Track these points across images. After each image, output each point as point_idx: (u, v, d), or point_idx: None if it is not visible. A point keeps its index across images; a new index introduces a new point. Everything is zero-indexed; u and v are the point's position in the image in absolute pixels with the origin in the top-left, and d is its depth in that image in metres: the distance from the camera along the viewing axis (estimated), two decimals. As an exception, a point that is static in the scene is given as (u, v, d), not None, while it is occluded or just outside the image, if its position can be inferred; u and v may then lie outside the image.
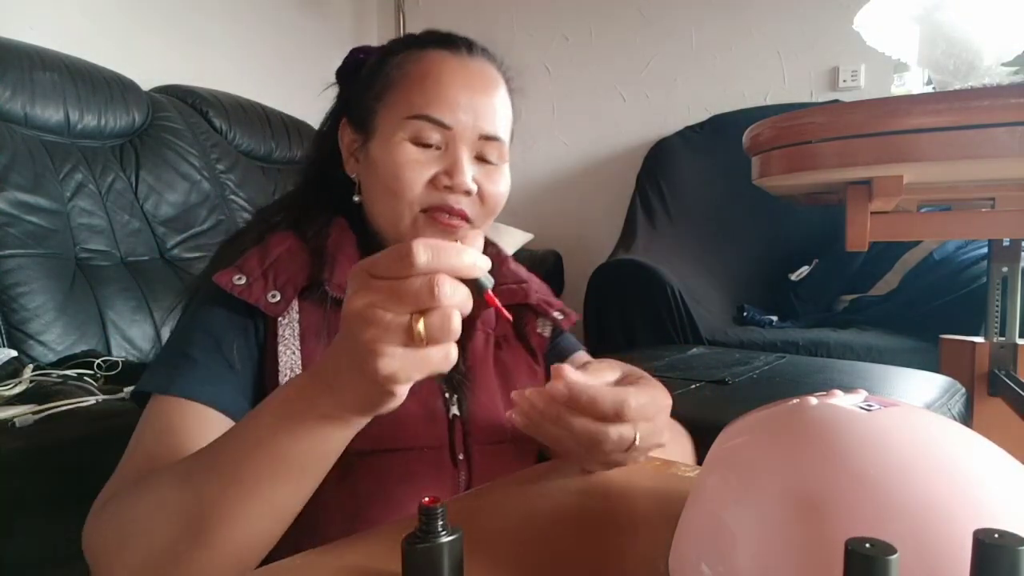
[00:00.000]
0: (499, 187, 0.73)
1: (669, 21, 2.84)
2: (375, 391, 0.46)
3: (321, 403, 0.49)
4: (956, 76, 1.02)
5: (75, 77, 1.66)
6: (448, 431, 0.70)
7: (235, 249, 0.70)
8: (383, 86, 0.73)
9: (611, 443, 0.52)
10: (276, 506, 0.51)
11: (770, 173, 1.07)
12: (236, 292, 0.65)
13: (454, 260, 0.43)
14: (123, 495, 0.56)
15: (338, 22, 3.07)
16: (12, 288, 1.36)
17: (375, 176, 0.71)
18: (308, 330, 0.67)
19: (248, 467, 0.50)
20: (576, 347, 0.86)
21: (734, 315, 2.35)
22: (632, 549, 0.44)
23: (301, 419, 0.49)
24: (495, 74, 0.74)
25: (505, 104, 0.74)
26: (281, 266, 0.68)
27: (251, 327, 0.67)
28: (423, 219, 0.70)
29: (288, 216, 0.75)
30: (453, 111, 0.69)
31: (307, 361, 0.66)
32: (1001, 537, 0.23)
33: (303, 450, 0.50)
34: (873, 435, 0.35)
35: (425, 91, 0.69)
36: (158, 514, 0.52)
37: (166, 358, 0.65)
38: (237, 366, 0.65)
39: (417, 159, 0.69)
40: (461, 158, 0.69)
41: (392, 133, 0.70)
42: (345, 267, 0.69)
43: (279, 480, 0.51)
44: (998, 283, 1.64)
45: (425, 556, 0.37)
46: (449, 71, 0.71)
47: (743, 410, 0.43)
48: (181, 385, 0.62)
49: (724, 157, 2.49)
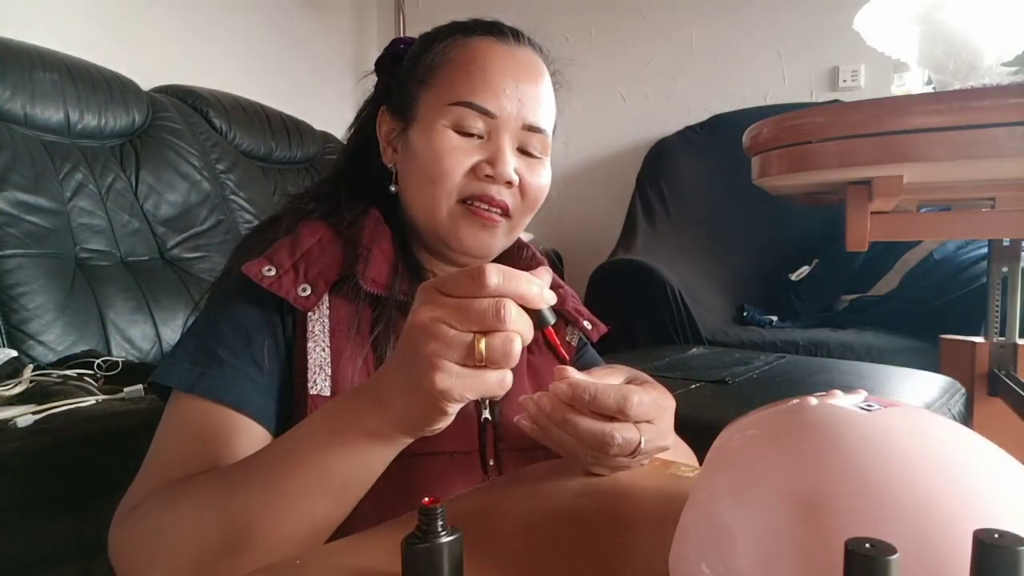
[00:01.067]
0: (541, 180, 0.72)
1: (669, 21, 2.84)
2: (427, 406, 0.47)
3: (368, 419, 0.49)
4: (956, 76, 1.01)
5: (75, 77, 1.66)
6: (479, 436, 0.68)
7: (266, 237, 0.69)
8: (426, 72, 0.70)
9: (616, 447, 0.52)
10: (317, 519, 0.51)
11: (770, 173, 1.07)
12: (265, 284, 0.62)
13: (524, 288, 0.44)
14: (154, 502, 0.55)
15: (338, 22, 3.07)
16: (12, 288, 1.36)
17: (414, 164, 0.69)
18: (339, 326, 0.65)
19: (292, 481, 0.51)
20: (598, 362, 0.84)
21: (734, 315, 2.35)
22: (632, 549, 0.44)
23: (347, 435, 0.50)
24: (541, 64, 0.72)
25: (550, 95, 0.73)
26: (312, 258, 0.66)
27: (279, 322, 0.65)
28: (460, 210, 0.68)
29: (322, 205, 0.72)
30: (498, 98, 0.67)
31: (336, 358, 0.64)
32: (1001, 537, 0.23)
33: (347, 466, 0.51)
34: (873, 435, 0.35)
35: (470, 77, 0.67)
36: (194, 525, 0.52)
37: (193, 351, 0.63)
38: (265, 364, 0.63)
39: (459, 147, 0.67)
40: (504, 147, 0.68)
41: (434, 120, 0.68)
42: (379, 261, 0.67)
43: (322, 495, 0.51)
44: (998, 283, 1.64)
45: (425, 556, 0.37)
46: (495, 58, 0.69)
47: (743, 410, 0.43)
48: (207, 386, 0.60)
49: (724, 157, 2.49)
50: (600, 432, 0.52)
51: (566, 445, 0.55)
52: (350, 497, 0.52)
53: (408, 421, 0.49)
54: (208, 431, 0.59)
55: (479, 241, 0.70)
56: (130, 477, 0.61)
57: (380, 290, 0.66)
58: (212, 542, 0.51)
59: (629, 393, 0.53)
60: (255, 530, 0.50)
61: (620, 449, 0.53)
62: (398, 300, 0.67)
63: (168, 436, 0.61)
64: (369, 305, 0.67)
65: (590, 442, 0.53)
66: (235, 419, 0.60)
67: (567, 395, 0.52)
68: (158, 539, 0.53)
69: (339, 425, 0.50)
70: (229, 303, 0.65)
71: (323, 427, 0.51)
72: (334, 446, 0.50)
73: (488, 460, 0.67)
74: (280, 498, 0.50)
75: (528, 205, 0.71)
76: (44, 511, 0.88)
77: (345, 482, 0.51)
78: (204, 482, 0.54)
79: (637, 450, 0.53)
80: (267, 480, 0.51)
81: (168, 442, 0.60)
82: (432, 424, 0.48)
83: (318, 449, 0.50)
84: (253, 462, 0.54)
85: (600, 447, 0.53)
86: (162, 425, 0.62)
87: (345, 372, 0.64)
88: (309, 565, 0.42)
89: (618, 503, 0.54)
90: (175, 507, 0.54)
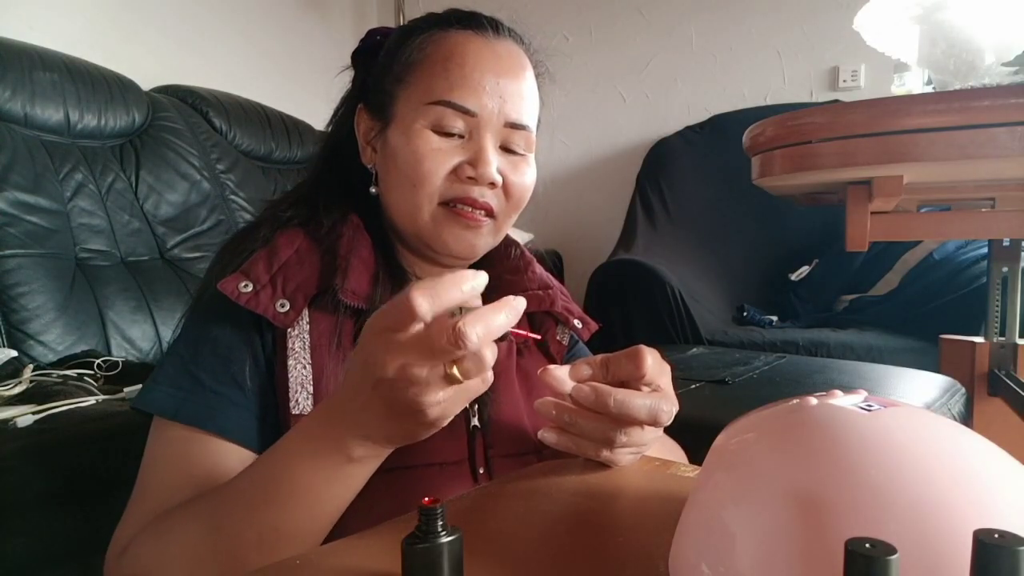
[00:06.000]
0: (525, 178, 0.69)
1: (669, 21, 2.84)
2: (419, 429, 0.48)
3: (351, 447, 0.49)
4: (956, 76, 1.01)
5: (75, 77, 1.66)
6: (468, 444, 0.66)
7: (243, 248, 0.67)
8: (403, 69, 0.68)
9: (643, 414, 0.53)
10: (307, 535, 0.52)
11: (770, 173, 1.07)
12: (242, 301, 0.61)
13: (456, 296, 0.43)
14: (145, 540, 0.55)
15: (338, 22, 3.07)
16: (12, 288, 1.36)
17: (394, 166, 0.67)
18: (319, 341, 0.63)
19: (280, 514, 0.51)
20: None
21: (734, 315, 2.35)
22: (632, 549, 0.44)
23: (331, 464, 0.50)
24: (522, 57, 0.69)
25: (532, 89, 0.69)
26: (290, 271, 0.63)
27: (259, 341, 0.63)
28: (442, 213, 0.66)
29: (299, 212, 0.70)
30: (478, 96, 0.64)
31: (318, 374, 0.62)
32: (1001, 537, 0.23)
33: (335, 492, 0.51)
34: (873, 435, 0.35)
35: (448, 74, 0.65)
36: (186, 560, 0.52)
37: (173, 375, 0.61)
38: (247, 385, 0.61)
39: (439, 148, 0.65)
40: (486, 147, 0.65)
41: (412, 120, 0.65)
42: (359, 271, 0.65)
43: (312, 520, 0.51)
44: (998, 283, 1.64)
45: (425, 556, 0.37)
46: (474, 53, 0.66)
47: (743, 410, 0.43)
48: (190, 412, 0.59)
49: (724, 157, 2.49)
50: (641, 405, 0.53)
51: (586, 450, 0.56)
52: (337, 513, 0.53)
53: (397, 439, 0.50)
54: (194, 461, 0.58)
55: (463, 242, 0.68)
56: (130, 477, 0.61)
57: (360, 303, 0.64)
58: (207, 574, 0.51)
59: (644, 353, 0.55)
60: (248, 561, 0.50)
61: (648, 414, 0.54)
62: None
63: (154, 468, 0.60)
64: (350, 317, 0.65)
65: (640, 416, 0.53)
66: (220, 446, 0.59)
67: (590, 398, 0.53)
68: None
69: (321, 454, 0.50)
70: (207, 322, 0.64)
71: (304, 457, 0.51)
72: (318, 476, 0.50)
73: (478, 468, 0.66)
74: (272, 532, 0.51)
75: (513, 205, 0.69)
76: (44, 511, 0.88)
77: (331, 504, 0.52)
78: (192, 517, 0.54)
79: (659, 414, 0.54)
80: (254, 514, 0.51)
81: (155, 475, 0.59)
82: (423, 437, 0.49)
83: (302, 480, 0.50)
84: (238, 493, 0.53)
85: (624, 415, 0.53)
86: (147, 455, 0.61)
87: (327, 389, 0.62)
88: (309, 565, 0.42)
89: (618, 503, 0.54)
90: (164, 545, 0.53)
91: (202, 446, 0.59)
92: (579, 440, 0.56)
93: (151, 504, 0.57)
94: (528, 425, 0.69)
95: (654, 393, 0.55)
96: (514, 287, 0.75)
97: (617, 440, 0.55)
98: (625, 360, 0.55)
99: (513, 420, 0.69)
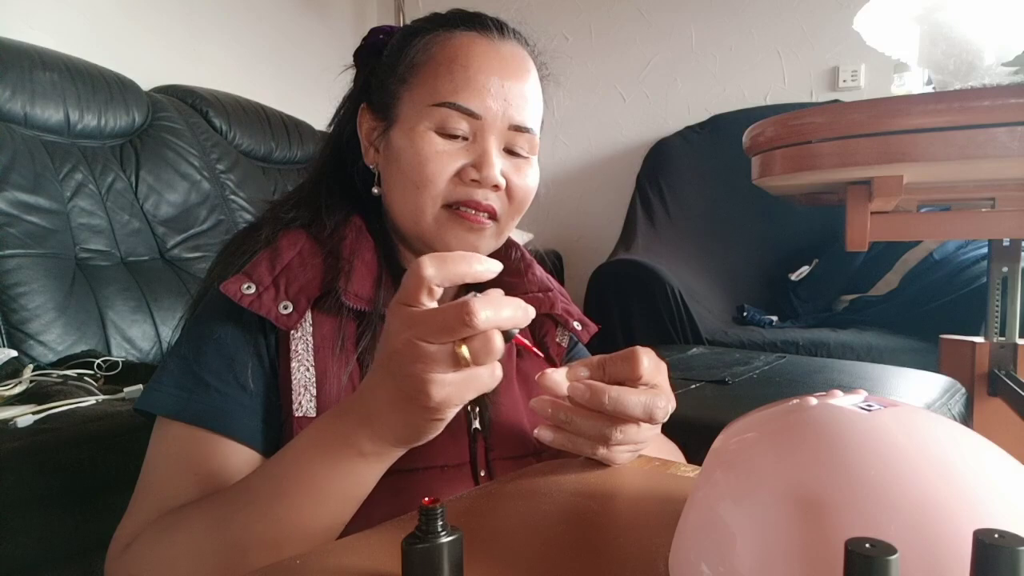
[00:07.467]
0: (528, 181, 0.69)
1: (669, 21, 2.84)
2: (423, 419, 0.47)
3: (360, 440, 0.49)
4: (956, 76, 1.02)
5: (75, 77, 1.66)
6: (470, 447, 0.66)
7: (245, 249, 0.67)
8: (407, 69, 0.67)
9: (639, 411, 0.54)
10: (315, 536, 0.52)
11: (770, 173, 1.07)
12: (245, 303, 0.60)
13: (464, 268, 0.44)
14: (149, 537, 0.55)
15: (338, 22, 3.07)
16: (12, 288, 1.36)
17: (397, 168, 0.67)
18: (323, 343, 0.63)
19: (287, 509, 0.51)
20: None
21: (734, 315, 2.35)
22: (632, 549, 0.44)
23: (339, 457, 0.50)
24: (527, 59, 0.69)
25: (536, 92, 0.69)
26: (293, 273, 0.63)
27: (262, 342, 0.63)
28: (445, 215, 0.66)
29: (302, 213, 0.70)
30: (482, 98, 0.64)
31: (321, 377, 0.62)
32: (1001, 537, 0.23)
33: (341, 487, 0.51)
34: (873, 435, 0.35)
35: (452, 76, 0.64)
36: (192, 559, 0.52)
37: (177, 375, 0.61)
38: (251, 386, 0.61)
39: (443, 150, 0.64)
40: (490, 150, 0.65)
41: (416, 122, 0.65)
42: (362, 274, 0.65)
43: (318, 518, 0.51)
44: (998, 283, 1.64)
45: (424, 556, 0.37)
46: (478, 54, 0.65)
47: (743, 410, 0.43)
48: (195, 412, 0.59)
49: (724, 157, 2.49)
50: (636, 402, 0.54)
51: (582, 447, 0.56)
52: (346, 513, 0.53)
53: (403, 435, 0.49)
54: (198, 460, 0.58)
55: (466, 244, 0.68)
56: (130, 476, 0.61)
57: (364, 305, 0.64)
58: (213, 574, 0.51)
59: (640, 354, 0.55)
60: (253, 559, 0.50)
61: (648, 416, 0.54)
62: (382, 314, 0.65)
63: (157, 466, 0.60)
64: (353, 319, 0.65)
65: (635, 413, 0.54)
66: (225, 445, 0.59)
67: (586, 396, 0.54)
68: (156, 575, 0.53)
69: (331, 448, 0.50)
70: (210, 323, 0.63)
71: (314, 451, 0.51)
72: (327, 470, 0.50)
73: (479, 471, 0.66)
74: (277, 526, 0.50)
75: (516, 207, 0.69)
76: (44, 511, 0.88)
77: (340, 501, 0.52)
78: (198, 514, 0.54)
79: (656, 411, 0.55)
80: (262, 509, 0.51)
81: (158, 473, 0.59)
82: (427, 435, 0.49)
83: (311, 474, 0.50)
84: (246, 490, 0.53)
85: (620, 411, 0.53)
86: (150, 454, 0.60)
87: (331, 391, 0.62)
88: (309, 565, 0.42)
89: (618, 503, 0.54)
90: (170, 542, 0.53)
91: (206, 445, 0.59)
92: (575, 438, 0.56)
93: (154, 502, 0.57)
94: (528, 427, 0.69)
95: (650, 390, 0.55)
96: (514, 289, 0.75)
97: (613, 437, 0.55)
98: (621, 361, 0.55)
99: (513, 422, 0.69)
